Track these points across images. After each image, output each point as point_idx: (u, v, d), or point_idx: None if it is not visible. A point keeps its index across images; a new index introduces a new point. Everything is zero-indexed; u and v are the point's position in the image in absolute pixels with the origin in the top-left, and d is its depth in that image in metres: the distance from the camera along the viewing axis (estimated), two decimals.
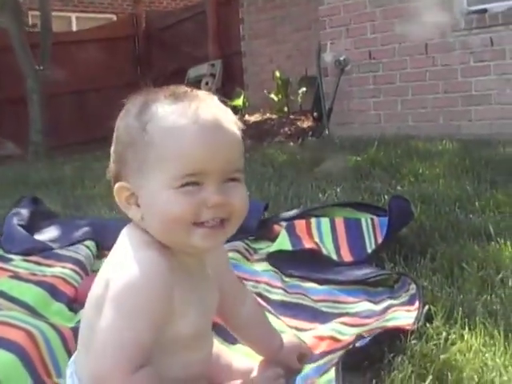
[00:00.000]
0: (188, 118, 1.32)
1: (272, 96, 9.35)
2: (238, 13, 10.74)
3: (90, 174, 6.10)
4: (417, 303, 2.09)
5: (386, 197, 3.83)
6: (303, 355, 1.79)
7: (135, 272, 1.30)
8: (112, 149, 1.43)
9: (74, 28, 16.37)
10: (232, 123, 1.40)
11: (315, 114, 8.40)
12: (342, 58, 7.76)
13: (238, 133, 1.42)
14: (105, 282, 1.36)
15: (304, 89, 9.00)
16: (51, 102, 10.23)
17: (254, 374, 1.72)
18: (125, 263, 1.34)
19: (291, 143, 7.58)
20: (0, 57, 10.90)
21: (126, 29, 13.59)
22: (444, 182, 4.24)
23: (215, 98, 1.44)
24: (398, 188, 4.24)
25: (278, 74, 9.33)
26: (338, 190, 4.27)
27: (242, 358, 1.80)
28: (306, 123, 8.63)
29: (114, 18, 17.01)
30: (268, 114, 9.45)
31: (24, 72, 9.83)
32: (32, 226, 3.37)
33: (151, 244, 1.36)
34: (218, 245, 1.45)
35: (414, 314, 2.01)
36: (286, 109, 9.32)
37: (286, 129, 8.47)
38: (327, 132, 7.66)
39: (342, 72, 7.77)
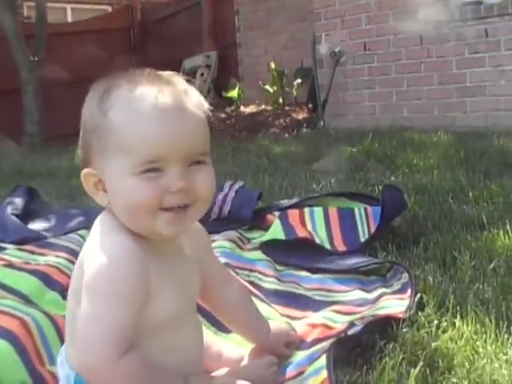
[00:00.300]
0: (147, 103, 1.31)
1: (267, 87, 9.34)
2: (232, 4, 10.72)
3: None
4: (409, 291, 2.10)
5: (380, 187, 3.83)
6: (291, 342, 1.79)
7: (107, 257, 1.31)
8: (80, 135, 1.43)
9: (69, 19, 16.31)
10: (195, 106, 1.38)
11: (310, 105, 8.40)
12: (336, 50, 7.75)
13: (202, 115, 1.40)
14: (80, 270, 1.37)
15: (299, 80, 8.99)
16: (46, 93, 10.18)
17: (245, 362, 1.72)
18: (96, 249, 1.34)
19: (286, 135, 7.58)
20: None
21: (122, 20, 13.56)
22: (438, 173, 4.25)
23: (180, 80, 1.42)
24: (392, 179, 4.26)
25: (273, 65, 9.31)
26: (333, 180, 4.27)
27: (234, 347, 1.80)
28: (301, 115, 8.63)
29: (110, 9, 16.96)
30: (263, 106, 9.45)
31: (18, 63, 9.79)
32: (26, 216, 3.36)
33: (122, 228, 1.37)
34: (184, 230, 1.42)
35: (407, 302, 2.02)
36: (281, 100, 9.32)
37: (281, 120, 8.46)
38: (322, 123, 7.66)
39: (336, 63, 7.77)
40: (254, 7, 10.31)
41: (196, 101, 1.40)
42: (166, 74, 1.41)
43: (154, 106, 1.31)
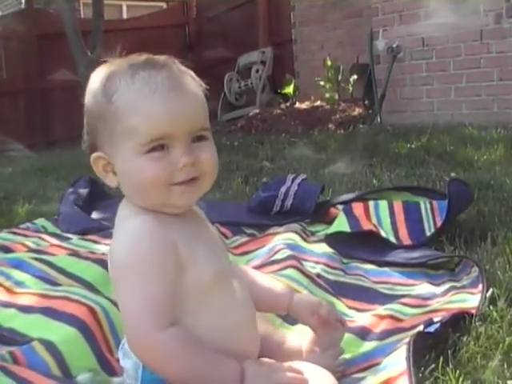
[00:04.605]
0: (149, 86, 1.39)
1: (322, 83, 9.28)
2: (288, 0, 10.68)
3: None
4: (480, 286, 2.06)
5: (441, 183, 3.79)
6: (318, 313, 1.68)
7: (129, 237, 1.40)
8: (84, 121, 1.49)
9: (125, 16, 16.48)
10: (193, 85, 1.46)
11: (366, 101, 8.32)
12: (394, 45, 7.66)
13: (201, 94, 1.47)
14: (109, 257, 1.46)
15: (355, 76, 8.90)
16: None
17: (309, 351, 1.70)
18: (119, 233, 1.44)
19: (342, 131, 7.53)
20: (49, 44, 11.06)
21: (177, 17, 13.63)
22: (500, 170, 4.18)
23: (176, 62, 1.48)
24: (453, 174, 4.19)
25: (329, 61, 9.25)
26: (393, 176, 4.23)
27: (296, 337, 1.79)
28: (357, 111, 8.54)
29: (164, 6, 17.09)
30: (318, 102, 9.38)
31: (76, 59, 9.91)
32: (88, 206, 3.41)
33: (140, 210, 1.43)
34: (194, 201, 1.49)
35: (478, 296, 1.99)
36: (336, 96, 9.25)
37: (337, 116, 8.39)
38: (379, 120, 7.58)
39: (394, 59, 7.67)
40: (309, 2, 10.26)
41: (193, 81, 1.48)
42: (162, 58, 1.47)
43: (155, 87, 1.38)
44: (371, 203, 2.92)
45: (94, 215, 3.33)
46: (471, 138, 5.61)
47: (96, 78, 1.46)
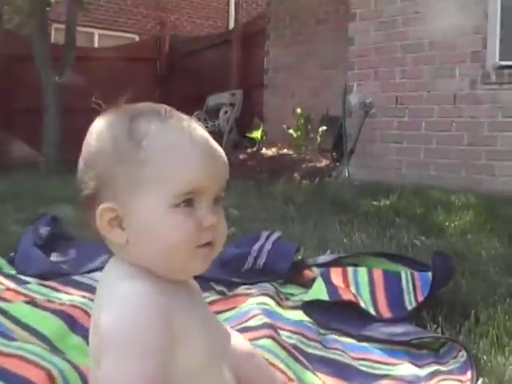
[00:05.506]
0: (183, 135, 1.26)
1: (291, 132, 9.25)
2: (263, 45, 10.69)
3: None
4: (469, 373, 1.94)
5: (413, 248, 3.72)
6: None
7: (124, 308, 1.18)
8: (86, 168, 1.29)
9: (96, 44, 16.36)
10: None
11: (334, 154, 8.29)
12: (367, 101, 7.65)
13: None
14: (95, 327, 1.24)
15: (324, 127, 8.89)
16: (65, 116, 10.12)
17: None
18: (111, 301, 1.22)
19: (308, 181, 7.46)
20: (17, 66, 10.88)
21: (149, 50, 13.57)
22: (472, 238, 4.11)
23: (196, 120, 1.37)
24: (423, 238, 4.12)
25: (299, 110, 9.23)
26: (363, 236, 4.14)
27: None
28: (324, 162, 8.52)
29: (137, 38, 17.04)
30: (285, 150, 9.35)
31: (43, 83, 9.75)
32: (48, 247, 3.22)
33: (137, 274, 1.25)
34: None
35: None
36: (304, 146, 9.21)
37: (304, 166, 8.35)
38: (347, 174, 7.54)
39: (366, 114, 7.66)
40: (285, 50, 10.28)
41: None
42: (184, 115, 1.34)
43: (189, 138, 1.26)
44: (350, 269, 2.79)
45: (53, 258, 3.14)
46: (440, 202, 5.59)
47: (115, 120, 1.29)
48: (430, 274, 2.67)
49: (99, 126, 1.30)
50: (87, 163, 1.29)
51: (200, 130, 1.29)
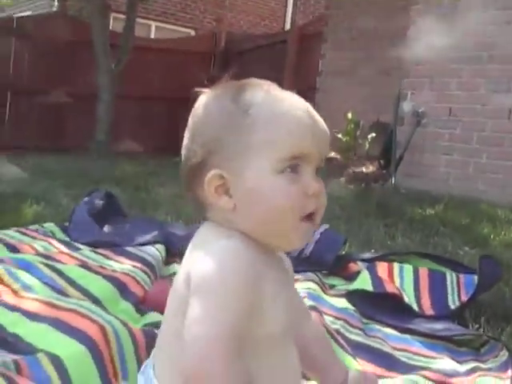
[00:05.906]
0: (287, 102, 1.29)
1: (339, 136, 9.23)
2: (320, 48, 10.69)
3: (155, 179, 6.06)
4: (510, 372, 1.95)
5: (457, 257, 3.71)
6: None
7: (216, 260, 1.21)
8: (193, 137, 1.33)
9: (152, 36, 16.53)
10: None
11: (382, 161, 8.27)
12: (420, 110, 7.61)
13: None
14: (185, 280, 1.25)
15: (373, 134, 8.87)
16: (117, 104, 10.26)
17: None
18: (205, 255, 1.23)
19: (353, 186, 7.46)
20: (76, 50, 11.02)
21: (205, 45, 13.62)
22: None
23: None
24: (467, 249, 4.11)
25: (350, 115, 9.21)
26: (407, 241, 4.15)
27: None
28: (371, 169, 8.49)
29: (192, 32, 17.15)
30: (333, 153, 9.33)
31: (100, 69, 9.90)
32: (102, 219, 3.30)
33: (232, 234, 1.27)
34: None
35: (508, 382, 1.88)
36: (351, 151, 9.19)
37: (350, 171, 8.33)
38: (393, 181, 7.52)
39: (418, 124, 7.62)
40: (341, 54, 10.27)
41: None
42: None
43: (294, 105, 1.29)
44: (396, 265, 2.82)
45: (107, 229, 3.21)
46: (487, 215, 5.55)
47: (221, 90, 1.34)
48: (475, 276, 2.68)
49: (206, 98, 1.34)
50: (195, 132, 1.33)
51: (302, 102, 1.32)
